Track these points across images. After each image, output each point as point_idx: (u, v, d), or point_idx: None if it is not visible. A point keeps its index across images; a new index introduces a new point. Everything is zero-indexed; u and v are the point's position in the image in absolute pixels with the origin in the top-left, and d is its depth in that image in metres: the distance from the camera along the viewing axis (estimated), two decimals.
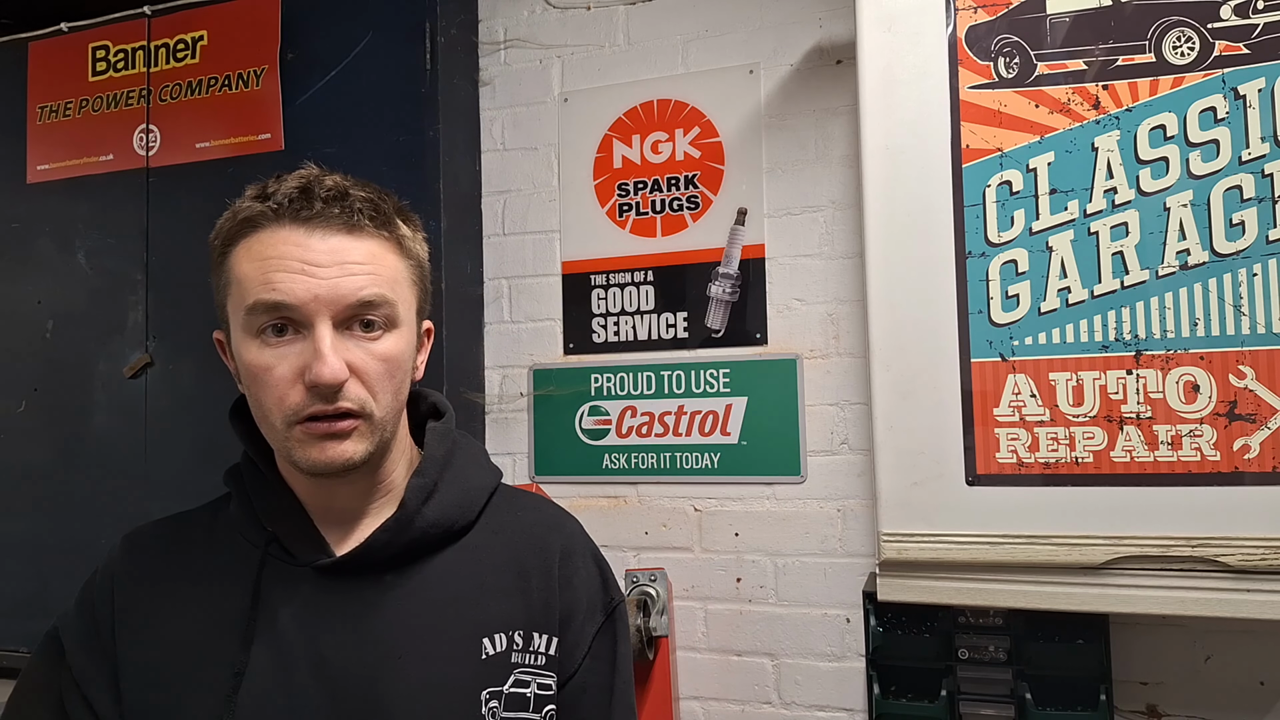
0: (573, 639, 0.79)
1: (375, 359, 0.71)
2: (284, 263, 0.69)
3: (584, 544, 0.85)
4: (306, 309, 0.68)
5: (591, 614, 0.81)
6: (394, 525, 0.74)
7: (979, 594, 1.21)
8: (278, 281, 0.68)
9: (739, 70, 1.63)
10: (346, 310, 0.70)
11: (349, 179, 0.74)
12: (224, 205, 0.76)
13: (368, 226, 0.71)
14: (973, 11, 1.25)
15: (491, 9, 1.81)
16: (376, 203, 0.73)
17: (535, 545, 0.81)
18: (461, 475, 0.81)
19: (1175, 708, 1.36)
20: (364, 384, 0.71)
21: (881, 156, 1.26)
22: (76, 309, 1.83)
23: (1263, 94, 1.13)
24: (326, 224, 0.70)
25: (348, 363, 0.70)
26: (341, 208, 0.70)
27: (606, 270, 1.69)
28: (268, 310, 0.69)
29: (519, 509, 0.84)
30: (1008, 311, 1.21)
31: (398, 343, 0.73)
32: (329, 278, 0.69)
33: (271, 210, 0.70)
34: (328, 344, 0.68)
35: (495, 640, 0.75)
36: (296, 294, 0.68)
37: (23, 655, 1.79)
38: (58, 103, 1.88)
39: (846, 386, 1.54)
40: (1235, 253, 1.13)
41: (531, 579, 0.79)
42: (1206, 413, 1.13)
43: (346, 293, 0.69)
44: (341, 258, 0.70)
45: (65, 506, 1.79)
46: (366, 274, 0.70)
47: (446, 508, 0.78)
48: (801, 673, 1.53)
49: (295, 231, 0.70)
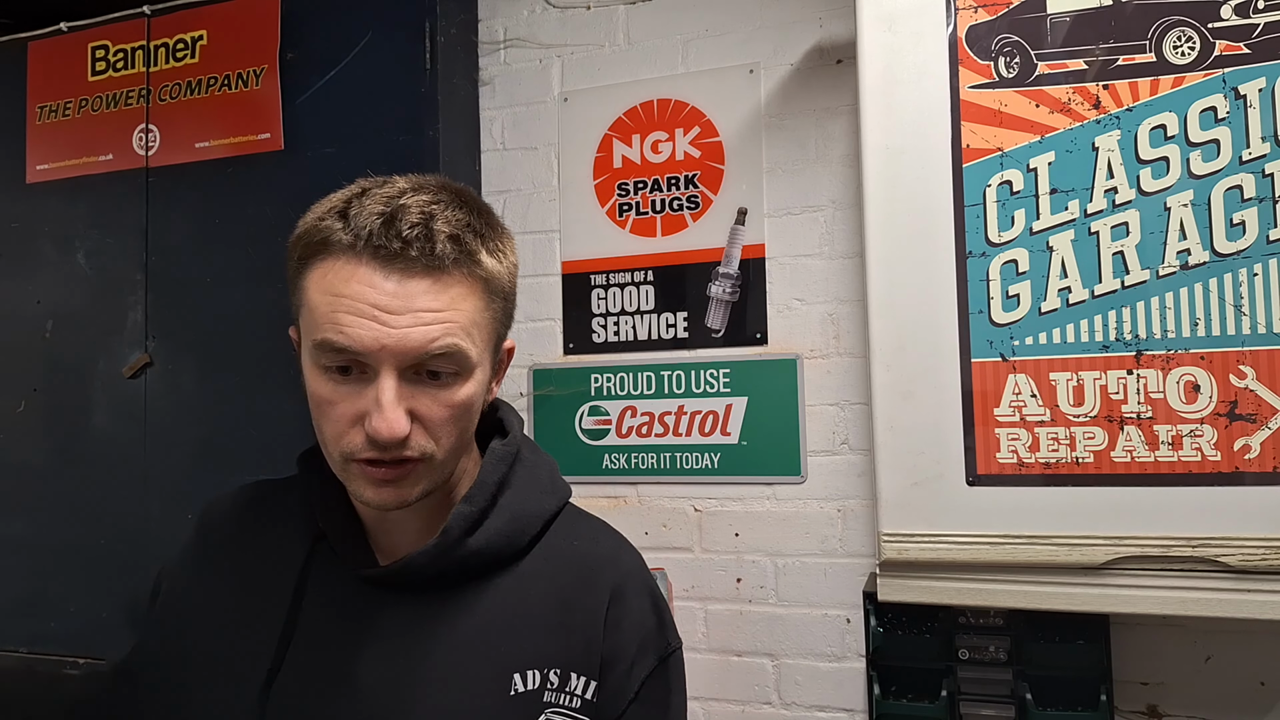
0: (616, 684, 0.74)
1: (443, 406, 0.68)
2: (354, 305, 0.64)
3: (640, 582, 0.80)
4: (373, 357, 0.65)
5: (642, 658, 0.76)
6: (433, 550, 0.72)
7: (979, 594, 1.20)
8: (345, 325, 0.64)
9: (739, 70, 1.63)
10: (415, 360, 0.65)
11: (440, 197, 0.68)
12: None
13: (449, 269, 0.66)
14: (973, 11, 1.25)
15: (491, 9, 1.81)
16: (461, 237, 0.67)
17: (585, 580, 0.77)
18: (515, 501, 0.77)
19: (1175, 708, 1.36)
20: (427, 431, 0.68)
21: (882, 156, 1.26)
22: (76, 309, 1.83)
23: (1263, 94, 1.12)
24: (406, 266, 0.65)
25: (412, 410, 0.66)
26: (421, 249, 0.65)
27: (606, 270, 1.68)
28: (334, 351, 0.66)
29: (575, 538, 0.80)
30: (1008, 311, 1.21)
31: (469, 388, 0.69)
32: (400, 326, 0.64)
33: (350, 241, 0.65)
34: (389, 397, 0.65)
35: (527, 677, 0.72)
36: (364, 341, 0.64)
37: (23, 655, 1.79)
38: (57, 103, 1.88)
39: (846, 386, 1.54)
40: (1236, 253, 1.13)
41: (575, 615, 0.75)
42: (1207, 413, 1.13)
43: (416, 345, 0.65)
44: (415, 304, 0.65)
45: (65, 506, 1.79)
46: (441, 323, 0.65)
47: (492, 536, 0.74)
48: (801, 673, 1.53)
49: (370, 271, 0.65)
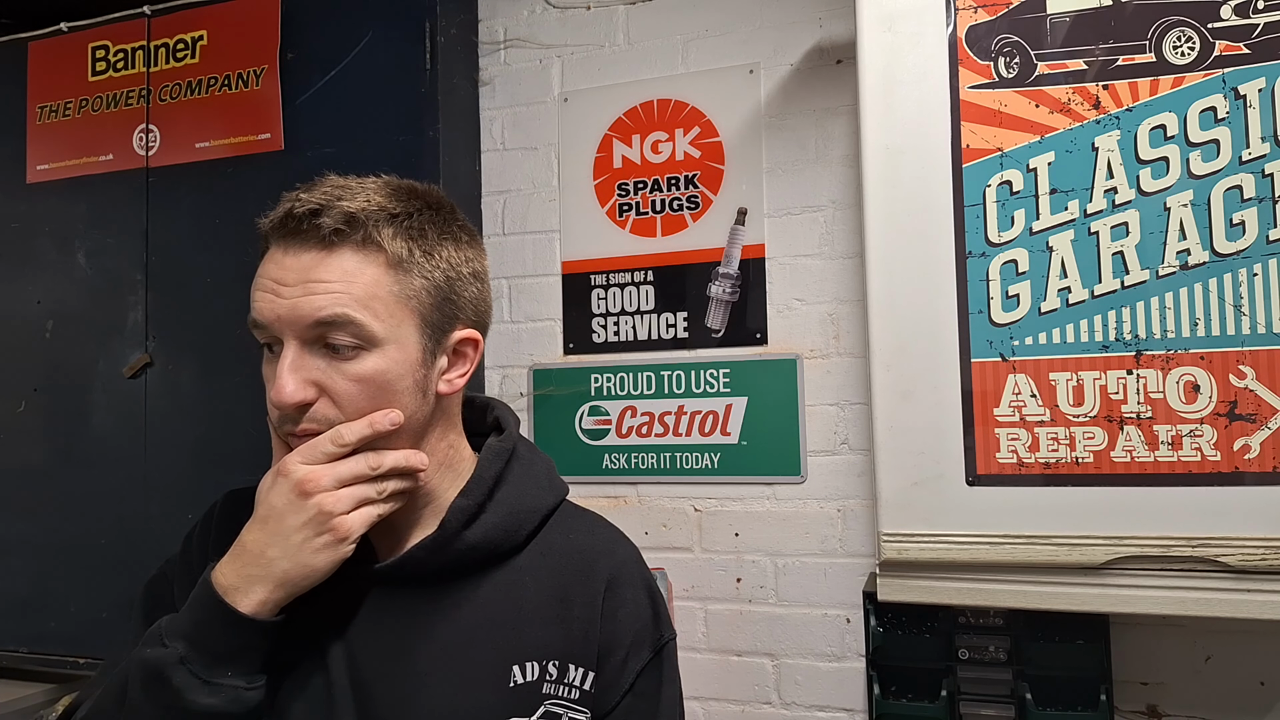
0: (612, 675, 0.76)
1: (347, 379, 0.70)
2: (263, 281, 0.71)
3: (635, 573, 0.81)
4: (274, 328, 0.70)
5: (637, 649, 0.77)
6: (431, 545, 0.74)
7: (979, 594, 1.20)
8: (256, 300, 0.71)
9: (739, 70, 1.63)
10: (308, 330, 0.69)
11: (371, 190, 0.73)
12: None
13: (339, 243, 0.70)
14: (973, 11, 1.25)
15: (491, 9, 1.81)
16: (356, 216, 0.70)
17: (582, 571, 0.78)
18: (512, 496, 0.79)
19: (1175, 708, 1.36)
20: (337, 404, 0.70)
21: (881, 156, 1.26)
22: (76, 309, 1.83)
23: (1263, 94, 1.12)
24: (301, 242, 0.70)
25: (318, 382, 0.69)
26: (310, 225, 0.69)
27: (606, 270, 1.69)
28: (254, 328, 0.71)
29: (572, 531, 0.82)
30: (1008, 311, 1.21)
31: (379, 362, 0.70)
32: (291, 297, 0.69)
33: (269, 229, 0.72)
34: (284, 364, 0.69)
35: (526, 669, 0.73)
36: (264, 313, 0.70)
37: (23, 655, 1.79)
38: (57, 103, 1.88)
39: (846, 386, 1.54)
40: (1235, 253, 1.13)
41: (574, 607, 0.76)
42: (1207, 413, 1.13)
43: (305, 313, 0.68)
44: (307, 276, 0.69)
45: (65, 506, 1.79)
46: (330, 292, 0.68)
47: (490, 530, 0.76)
48: (801, 673, 1.53)
49: (276, 251, 0.71)
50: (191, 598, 0.69)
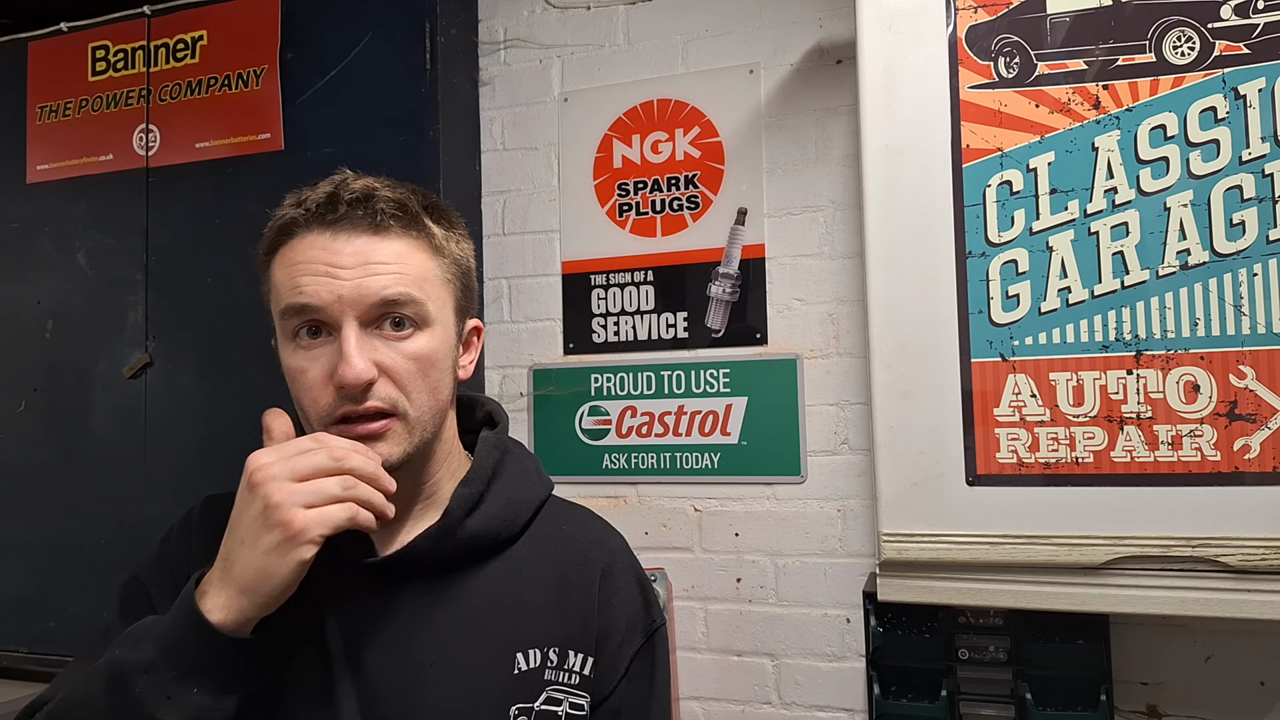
0: (609, 660, 0.78)
1: (406, 358, 0.72)
2: (311, 266, 0.70)
3: (627, 562, 0.84)
4: (331, 310, 0.70)
5: (630, 635, 0.80)
6: (436, 533, 0.75)
7: (979, 594, 1.20)
8: (304, 285, 0.70)
9: (739, 70, 1.63)
10: (372, 310, 0.70)
11: (382, 180, 0.75)
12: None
13: (394, 227, 0.72)
14: (973, 11, 1.25)
15: (491, 9, 1.81)
16: (403, 202, 0.73)
17: (577, 560, 0.80)
18: (509, 487, 0.80)
19: (1175, 708, 1.36)
20: (395, 383, 0.71)
21: (881, 156, 1.26)
22: (76, 309, 1.83)
23: (1263, 94, 1.12)
24: (352, 226, 0.71)
25: (377, 362, 0.70)
26: (366, 209, 0.71)
27: (606, 270, 1.69)
28: (297, 313, 0.71)
29: (564, 523, 0.84)
30: (1008, 311, 1.21)
31: (430, 341, 0.73)
32: (352, 278, 0.70)
33: (302, 217, 0.72)
34: (352, 344, 0.69)
35: (529, 656, 0.75)
36: (321, 296, 0.70)
37: (23, 655, 1.79)
38: (57, 103, 1.88)
39: (846, 386, 1.54)
40: (1235, 253, 1.13)
41: (571, 595, 0.78)
42: (1207, 413, 1.13)
43: (370, 292, 0.70)
44: (365, 259, 0.70)
45: (65, 506, 1.79)
46: (391, 273, 0.71)
47: (491, 519, 0.78)
48: (801, 673, 1.53)
49: (322, 236, 0.71)
50: (175, 602, 0.67)
